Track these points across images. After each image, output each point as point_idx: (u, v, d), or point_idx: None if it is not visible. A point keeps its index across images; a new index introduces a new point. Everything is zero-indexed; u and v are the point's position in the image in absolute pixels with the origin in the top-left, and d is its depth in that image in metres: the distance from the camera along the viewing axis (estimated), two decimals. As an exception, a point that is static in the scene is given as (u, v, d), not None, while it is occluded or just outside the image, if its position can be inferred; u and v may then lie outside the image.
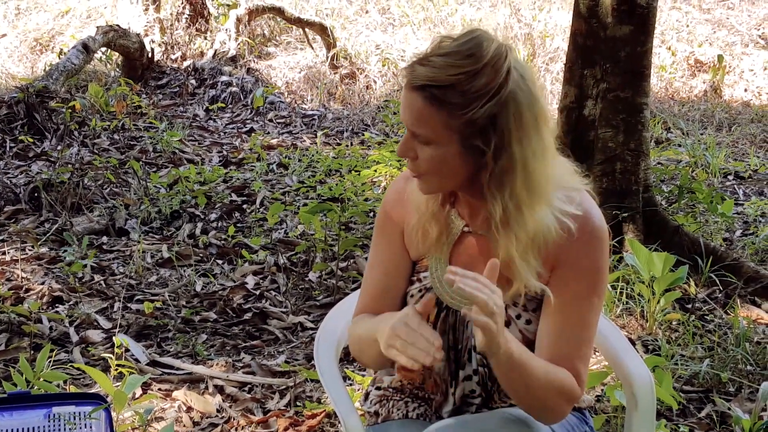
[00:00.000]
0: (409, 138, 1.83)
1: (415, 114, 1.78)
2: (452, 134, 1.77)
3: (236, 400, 3.46)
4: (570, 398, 1.86)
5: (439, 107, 1.75)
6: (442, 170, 1.82)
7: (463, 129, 1.76)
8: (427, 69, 1.75)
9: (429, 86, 1.75)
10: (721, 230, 5.18)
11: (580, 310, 1.87)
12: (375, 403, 2.11)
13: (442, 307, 1.97)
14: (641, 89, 4.60)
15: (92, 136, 7.27)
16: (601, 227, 1.88)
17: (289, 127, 8.30)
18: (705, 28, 11.20)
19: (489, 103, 1.73)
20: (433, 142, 1.79)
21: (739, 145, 7.85)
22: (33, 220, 5.42)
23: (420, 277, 2.00)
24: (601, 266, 1.88)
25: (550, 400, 1.83)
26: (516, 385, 1.81)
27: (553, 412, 1.86)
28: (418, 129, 1.79)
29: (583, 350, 1.89)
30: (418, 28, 10.90)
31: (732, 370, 3.56)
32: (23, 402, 2.67)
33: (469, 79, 1.73)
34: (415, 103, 1.78)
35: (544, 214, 1.81)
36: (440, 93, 1.74)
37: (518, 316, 1.91)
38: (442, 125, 1.76)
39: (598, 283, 1.88)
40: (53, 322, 4.05)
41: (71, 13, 11.84)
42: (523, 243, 1.81)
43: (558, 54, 9.65)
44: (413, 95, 1.78)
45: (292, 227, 5.33)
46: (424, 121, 1.78)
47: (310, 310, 4.31)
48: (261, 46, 10.45)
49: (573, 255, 1.85)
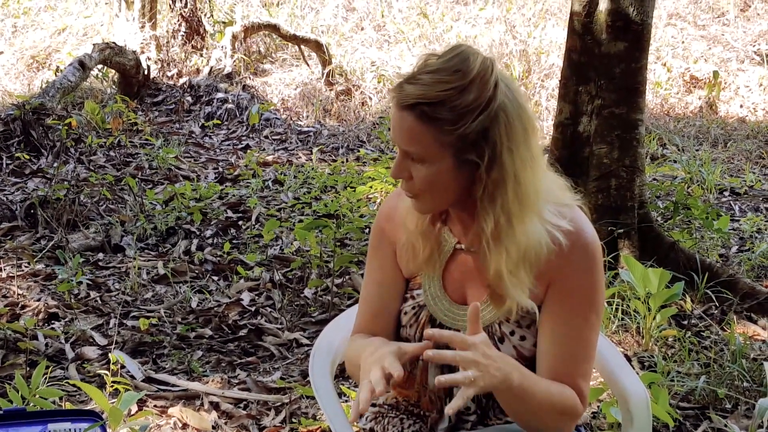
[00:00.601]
0: (403, 158, 1.83)
1: (407, 133, 1.78)
2: (445, 150, 1.77)
3: (232, 417, 3.45)
4: (573, 416, 1.87)
5: (431, 124, 1.75)
6: (437, 187, 1.82)
7: (456, 144, 1.76)
8: (415, 87, 1.76)
9: (419, 104, 1.75)
10: (717, 246, 5.19)
11: (579, 328, 1.87)
12: (370, 420, 2.11)
13: (436, 324, 1.97)
14: (636, 105, 4.61)
15: (88, 152, 7.27)
16: (594, 243, 1.88)
17: (285, 143, 8.31)
18: (700, 44, 11.24)
19: (480, 116, 1.74)
20: (426, 159, 1.79)
21: (735, 161, 7.87)
22: (29, 237, 5.42)
23: (413, 294, 2.01)
24: (597, 283, 1.88)
25: (554, 421, 1.85)
26: (519, 411, 1.83)
27: (555, 427, 1.87)
28: (411, 147, 1.79)
29: (584, 367, 1.89)
30: (414, 45, 10.93)
31: (728, 386, 3.56)
32: (19, 419, 2.66)
33: (459, 94, 1.73)
34: (406, 122, 1.78)
35: (535, 228, 1.81)
36: (430, 110, 1.75)
37: (512, 332, 1.91)
38: (435, 142, 1.77)
39: (594, 301, 1.88)
40: (49, 339, 4.04)
41: (68, 31, 11.85)
42: (514, 258, 1.81)
43: (553, 70, 9.67)
44: (403, 114, 1.78)
45: (287, 243, 5.32)
46: (417, 140, 1.78)
47: (306, 326, 4.31)
48: (257, 63, 10.47)
49: (567, 273, 1.85)
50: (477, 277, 1.93)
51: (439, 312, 1.96)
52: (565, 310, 1.86)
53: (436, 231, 1.95)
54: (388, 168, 6.37)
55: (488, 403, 1.97)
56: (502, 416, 1.97)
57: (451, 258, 1.97)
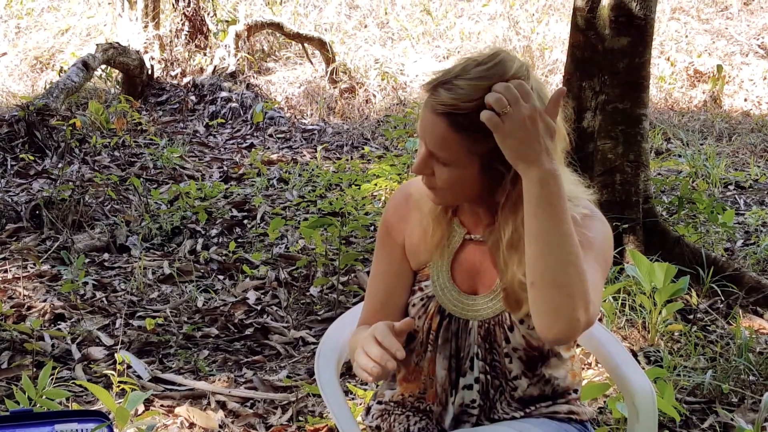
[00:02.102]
0: (427, 157, 1.82)
1: (438, 138, 1.78)
2: (474, 158, 1.78)
3: (238, 416, 3.45)
4: (586, 306, 1.69)
5: (463, 134, 1.75)
6: (458, 188, 1.83)
7: (486, 153, 1.76)
8: (451, 94, 1.74)
9: (454, 113, 1.74)
10: (722, 240, 5.18)
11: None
12: (376, 417, 2.11)
13: (444, 315, 1.98)
14: (640, 100, 4.61)
15: (93, 153, 7.28)
16: (605, 222, 1.90)
17: (289, 142, 8.31)
18: (704, 38, 11.23)
19: None
20: (453, 164, 1.79)
21: (740, 154, 7.86)
22: (34, 238, 5.43)
23: (421, 286, 2.01)
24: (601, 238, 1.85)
25: (571, 288, 1.68)
26: (545, 234, 1.69)
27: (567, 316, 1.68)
28: (440, 152, 1.79)
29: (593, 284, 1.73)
30: (417, 42, 10.93)
31: (734, 380, 3.55)
32: (26, 420, 2.66)
33: None
34: (438, 128, 1.77)
35: None
36: (465, 120, 1.73)
37: (521, 321, 1.91)
38: (466, 151, 1.77)
39: (595, 247, 1.82)
40: (55, 340, 4.05)
41: (71, 31, 11.87)
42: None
43: (557, 66, 9.67)
44: (436, 119, 1.76)
45: (292, 242, 5.33)
46: (447, 146, 1.77)
47: (312, 324, 4.31)
48: (260, 62, 10.48)
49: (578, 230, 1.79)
50: (486, 267, 1.95)
51: (447, 302, 1.97)
52: None
53: (448, 219, 1.97)
54: (393, 165, 6.37)
55: (495, 396, 1.98)
56: (508, 411, 1.98)
57: (460, 249, 1.97)
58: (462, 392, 1.98)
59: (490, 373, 1.96)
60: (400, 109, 9.34)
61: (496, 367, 1.96)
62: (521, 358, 1.94)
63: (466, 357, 1.97)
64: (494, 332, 1.94)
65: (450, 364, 1.98)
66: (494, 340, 1.94)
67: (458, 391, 1.99)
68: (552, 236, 1.68)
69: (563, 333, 1.71)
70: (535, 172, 1.68)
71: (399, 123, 8.04)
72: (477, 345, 1.95)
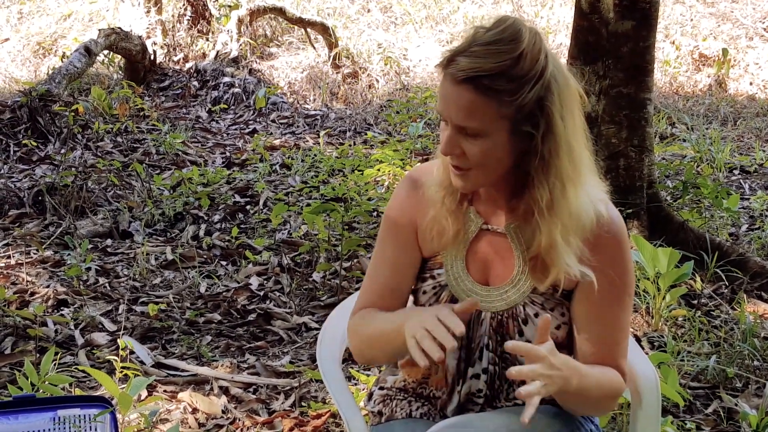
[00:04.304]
0: (455, 134, 1.80)
1: (465, 108, 1.75)
2: (502, 122, 1.76)
3: (241, 401, 3.46)
4: (618, 396, 1.95)
5: (490, 97, 1.73)
6: (490, 161, 1.80)
7: (514, 116, 1.75)
8: (471, 60, 1.73)
9: (478, 77, 1.72)
10: (727, 225, 5.16)
11: (615, 312, 1.91)
12: (378, 402, 2.10)
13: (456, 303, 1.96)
14: (644, 85, 4.59)
15: (95, 139, 7.27)
16: (623, 227, 1.91)
17: (292, 127, 8.30)
18: (709, 21, 11.18)
19: (536, 86, 1.73)
20: (482, 134, 1.77)
21: (745, 139, 7.83)
22: (37, 224, 5.43)
23: (434, 274, 1.99)
24: (628, 265, 1.91)
25: (604, 405, 1.96)
26: (574, 404, 1.90)
27: (602, 411, 2.01)
28: (468, 122, 1.76)
29: (623, 346, 1.95)
30: (420, 27, 10.90)
31: (739, 365, 3.55)
32: (29, 405, 2.67)
33: (515, 63, 1.72)
34: (464, 96, 1.75)
35: (585, 196, 1.83)
36: (490, 82, 1.72)
37: (536, 314, 1.91)
38: (494, 115, 1.75)
39: (628, 283, 1.92)
40: (58, 326, 4.05)
41: (73, 17, 11.85)
42: (567, 225, 1.81)
43: (561, 50, 9.61)
44: (460, 89, 1.75)
45: (295, 228, 5.32)
46: (475, 114, 1.75)
47: (314, 310, 4.31)
48: (263, 47, 10.45)
49: (601, 258, 1.86)
50: (501, 258, 1.93)
51: (461, 292, 1.95)
52: (601, 295, 1.87)
53: (464, 211, 1.94)
54: (396, 150, 6.36)
55: (500, 385, 1.97)
56: (512, 399, 1.97)
57: (475, 239, 1.95)
58: (469, 381, 1.97)
59: (499, 364, 1.95)
60: (403, 94, 9.32)
61: (506, 358, 1.94)
62: None
63: (476, 348, 1.96)
64: (507, 325, 1.92)
65: (460, 354, 1.97)
66: (506, 332, 1.92)
67: (466, 380, 1.97)
68: (581, 405, 1.91)
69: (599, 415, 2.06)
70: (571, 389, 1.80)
71: (402, 108, 8.01)
72: (488, 336, 1.94)
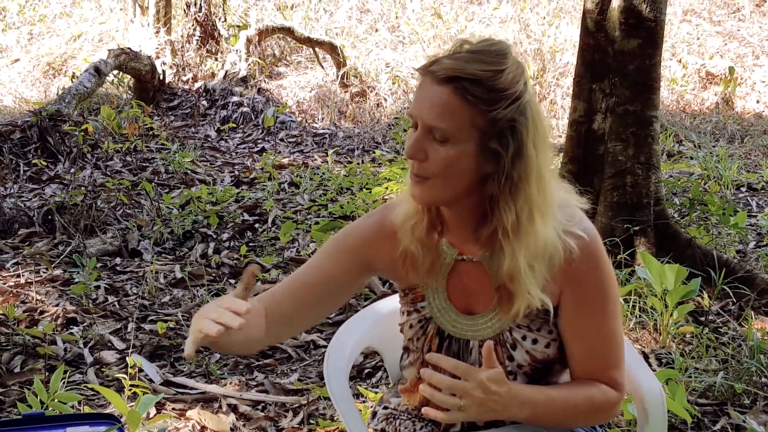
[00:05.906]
0: (423, 137, 1.79)
1: (439, 107, 1.75)
2: (474, 132, 1.75)
3: (250, 419, 3.46)
4: (606, 408, 1.91)
5: (467, 101, 1.73)
6: (452, 172, 1.77)
7: (485, 128, 1.74)
8: (455, 62, 1.74)
9: (458, 78, 1.73)
10: (734, 242, 5.16)
11: (601, 323, 1.88)
12: (382, 420, 2.10)
13: (444, 336, 1.95)
14: (650, 102, 4.60)
15: (105, 158, 7.31)
16: (596, 240, 1.87)
17: (300, 146, 8.33)
18: (716, 40, 11.20)
19: (512, 105, 1.73)
20: (451, 139, 1.75)
21: (752, 156, 7.83)
22: (47, 243, 5.45)
23: (417, 307, 1.98)
24: (606, 275, 1.88)
25: (587, 421, 1.94)
26: (546, 426, 1.89)
27: (590, 424, 1.99)
28: (440, 123, 1.75)
29: (613, 357, 1.91)
30: (428, 46, 10.92)
31: (747, 382, 3.54)
32: (38, 423, 2.67)
33: (496, 76, 1.73)
34: (441, 95, 1.74)
35: (551, 228, 1.81)
36: (469, 86, 1.72)
37: (524, 337, 1.90)
38: (466, 121, 1.74)
39: (609, 291, 1.88)
40: (67, 344, 4.06)
41: (83, 37, 11.92)
42: (532, 251, 1.79)
43: (568, 68, 9.65)
44: (439, 88, 1.75)
45: (304, 246, 5.33)
46: (449, 115, 1.74)
47: (323, 327, 4.32)
48: (271, 66, 10.50)
49: (579, 280, 1.85)
50: (481, 286, 1.91)
51: (447, 324, 1.94)
52: (582, 312, 1.86)
53: (435, 241, 1.91)
54: (404, 169, 6.37)
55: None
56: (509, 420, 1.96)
57: (453, 270, 1.93)
58: None
59: None
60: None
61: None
62: (527, 373, 1.92)
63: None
64: (495, 352, 1.89)
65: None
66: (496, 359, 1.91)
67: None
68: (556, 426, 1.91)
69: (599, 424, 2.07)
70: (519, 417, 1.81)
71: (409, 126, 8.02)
72: (479, 364, 1.89)
